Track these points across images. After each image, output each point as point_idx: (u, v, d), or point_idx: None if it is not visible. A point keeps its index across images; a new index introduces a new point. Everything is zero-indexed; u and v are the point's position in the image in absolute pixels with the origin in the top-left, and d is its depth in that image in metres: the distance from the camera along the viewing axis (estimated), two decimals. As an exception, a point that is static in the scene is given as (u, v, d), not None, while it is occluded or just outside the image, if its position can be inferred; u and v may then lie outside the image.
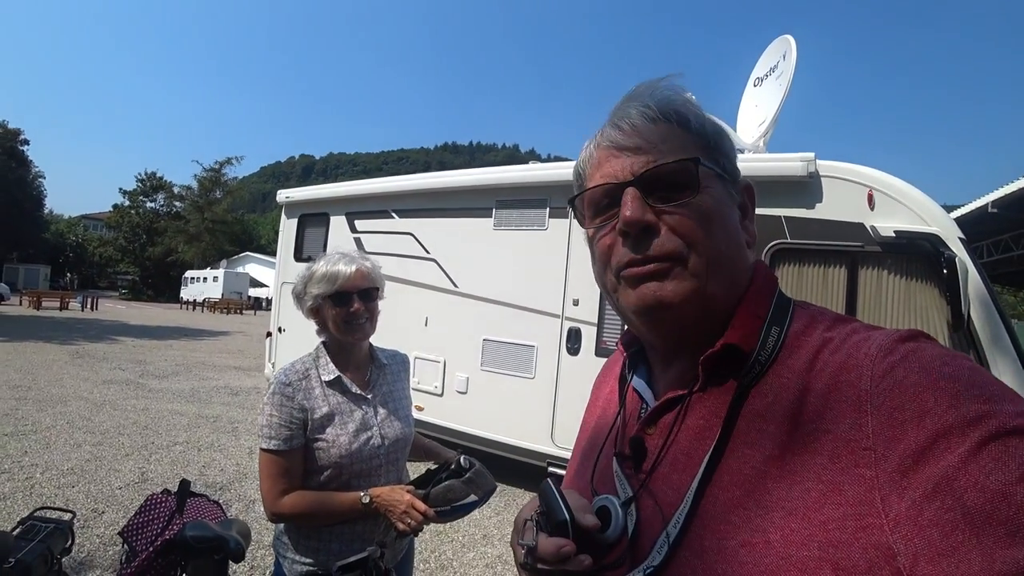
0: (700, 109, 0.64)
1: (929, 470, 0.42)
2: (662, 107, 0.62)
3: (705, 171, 0.60)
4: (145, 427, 6.06)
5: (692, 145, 0.61)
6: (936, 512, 0.40)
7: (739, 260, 0.62)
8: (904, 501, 0.42)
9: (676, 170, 0.60)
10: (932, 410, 0.44)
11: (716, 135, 0.63)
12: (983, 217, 10.30)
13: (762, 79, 5.57)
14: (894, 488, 0.43)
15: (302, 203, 6.79)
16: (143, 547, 1.72)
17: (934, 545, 0.39)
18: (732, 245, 0.61)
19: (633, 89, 0.66)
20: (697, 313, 0.60)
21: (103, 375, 8.90)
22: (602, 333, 4.54)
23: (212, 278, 36.89)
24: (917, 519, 0.41)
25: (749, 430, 0.54)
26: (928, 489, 0.41)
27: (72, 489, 4.20)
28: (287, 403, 1.45)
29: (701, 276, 0.59)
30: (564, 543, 0.55)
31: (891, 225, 3.63)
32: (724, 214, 0.61)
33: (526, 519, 0.61)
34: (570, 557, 0.54)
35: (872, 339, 0.53)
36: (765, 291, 0.62)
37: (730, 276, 0.61)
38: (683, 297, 0.59)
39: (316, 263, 1.58)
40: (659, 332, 0.63)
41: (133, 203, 46.15)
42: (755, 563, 0.48)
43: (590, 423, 0.81)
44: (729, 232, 0.61)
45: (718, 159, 0.62)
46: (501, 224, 5.11)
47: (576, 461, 0.78)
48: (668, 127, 0.61)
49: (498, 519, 4.26)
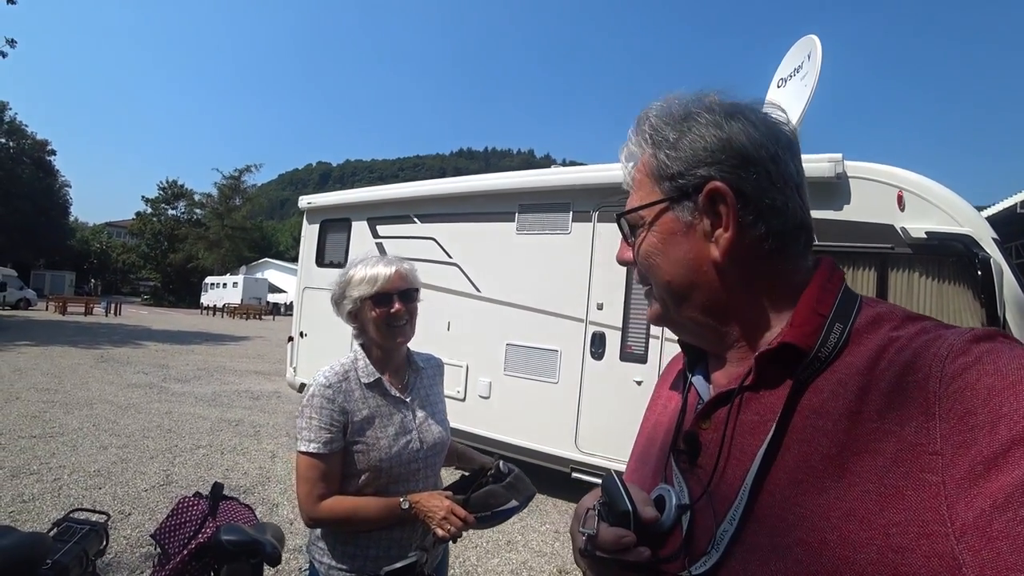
0: (654, 120, 0.66)
1: (1002, 479, 0.40)
2: (631, 142, 0.68)
3: (635, 216, 0.67)
4: (169, 430, 6.12)
5: (648, 177, 0.66)
6: (1007, 524, 0.38)
7: (702, 283, 0.63)
8: (972, 510, 0.40)
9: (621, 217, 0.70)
10: (1007, 416, 0.41)
11: (667, 152, 0.64)
12: (1012, 217, 10.03)
13: (786, 80, 5.48)
14: (962, 496, 0.41)
15: (323, 209, 6.83)
16: (176, 550, 1.71)
17: (1003, 558, 0.38)
18: (681, 273, 0.63)
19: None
20: (697, 328, 0.66)
21: (127, 379, 9.03)
22: (627, 337, 4.48)
23: (232, 284, 37.32)
24: (986, 530, 0.39)
25: (805, 427, 0.53)
26: (999, 499, 0.39)
27: (99, 491, 4.24)
28: (328, 406, 1.43)
29: (663, 303, 0.67)
30: (625, 533, 0.55)
31: (922, 226, 3.54)
32: (662, 250, 0.64)
33: (588, 508, 0.61)
34: (630, 548, 0.55)
35: (943, 338, 0.50)
36: (829, 288, 0.61)
37: (703, 297, 0.63)
38: (655, 319, 0.69)
39: (353, 267, 1.57)
40: (679, 338, 0.72)
41: (155, 211, 47.19)
42: (811, 562, 0.47)
43: (650, 420, 0.81)
44: (674, 262, 0.63)
45: (661, 181, 0.64)
46: (524, 228, 5.08)
47: (635, 457, 0.79)
48: (636, 157, 0.68)
49: (522, 525, 4.22)
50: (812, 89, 4.83)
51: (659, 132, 0.64)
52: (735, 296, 0.62)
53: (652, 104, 0.67)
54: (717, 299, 0.63)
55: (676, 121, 0.63)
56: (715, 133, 0.61)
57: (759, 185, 0.60)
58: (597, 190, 4.62)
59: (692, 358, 0.72)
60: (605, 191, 4.56)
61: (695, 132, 0.62)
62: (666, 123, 0.64)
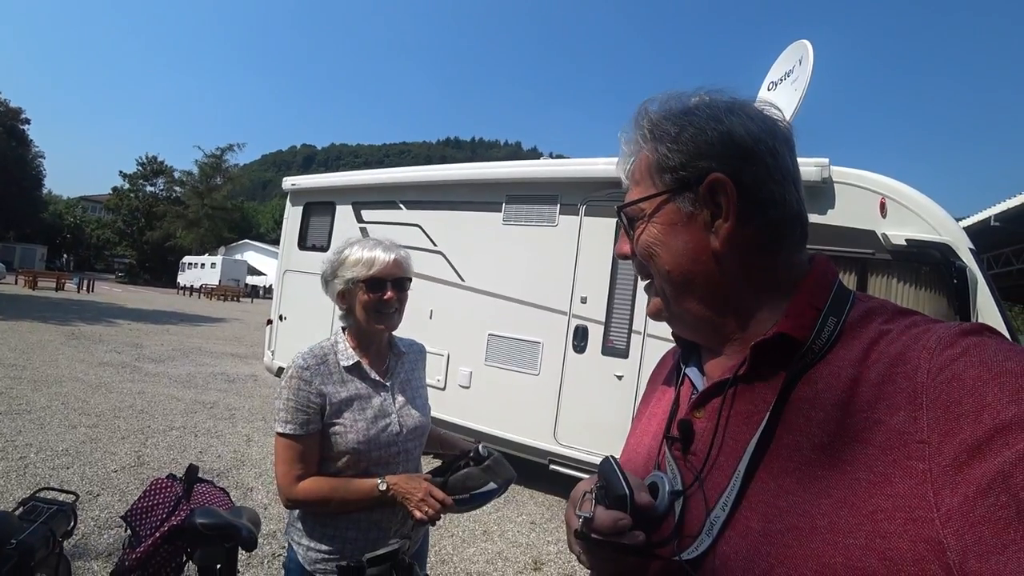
0: (653, 116, 0.67)
1: (985, 465, 0.41)
2: (629, 138, 0.69)
3: (635, 209, 0.67)
4: (141, 411, 6.00)
5: (647, 171, 0.67)
6: (989, 508, 0.40)
7: (698, 277, 0.64)
8: (957, 496, 0.42)
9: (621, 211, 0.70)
10: (991, 405, 0.43)
11: (668, 145, 0.65)
12: (985, 230, 10.30)
13: (776, 83, 5.53)
14: (947, 482, 0.43)
15: (308, 191, 6.72)
16: (147, 532, 1.68)
17: (985, 542, 0.39)
18: (682, 263, 0.64)
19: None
20: (695, 322, 0.67)
21: (99, 357, 8.81)
22: (609, 331, 4.50)
23: (210, 264, 36.68)
24: (969, 515, 0.41)
25: (798, 417, 0.54)
26: (983, 485, 0.40)
27: (67, 471, 4.14)
28: (304, 387, 1.42)
29: (663, 295, 0.68)
30: (621, 516, 0.57)
31: (902, 233, 3.61)
32: (663, 240, 0.65)
33: (584, 491, 0.62)
34: (626, 530, 0.57)
35: (932, 331, 0.52)
36: (824, 282, 0.62)
37: (702, 287, 0.64)
38: (655, 313, 0.71)
39: (349, 247, 1.54)
40: (674, 332, 0.73)
41: (133, 186, 45.97)
42: (800, 547, 0.48)
43: (644, 411, 0.82)
44: (674, 252, 0.64)
45: (662, 174, 0.65)
46: (511, 219, 5.06)
47: (628, 447, 0.80)
48: (636, 151, 0.69)
49: (498, 515, 4.23)
50: (802, 93, 4.88)
51: (659, 127, 0.65)
52: (733, 286, 0.64)
53: (648, 100, 0.69)
54: (716, 289, 0.64)
55: (676, 116, 0.65)
56: (715, 127, 0.63)
57: (758, 177, 0.62)
58: (585, 183, 4.62)
59: (686, 351, 0.74)
60: (593, 185, 4.55)
61: (696, 126, 0.63)
62: (666, 118, 0.66)
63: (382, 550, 1.21)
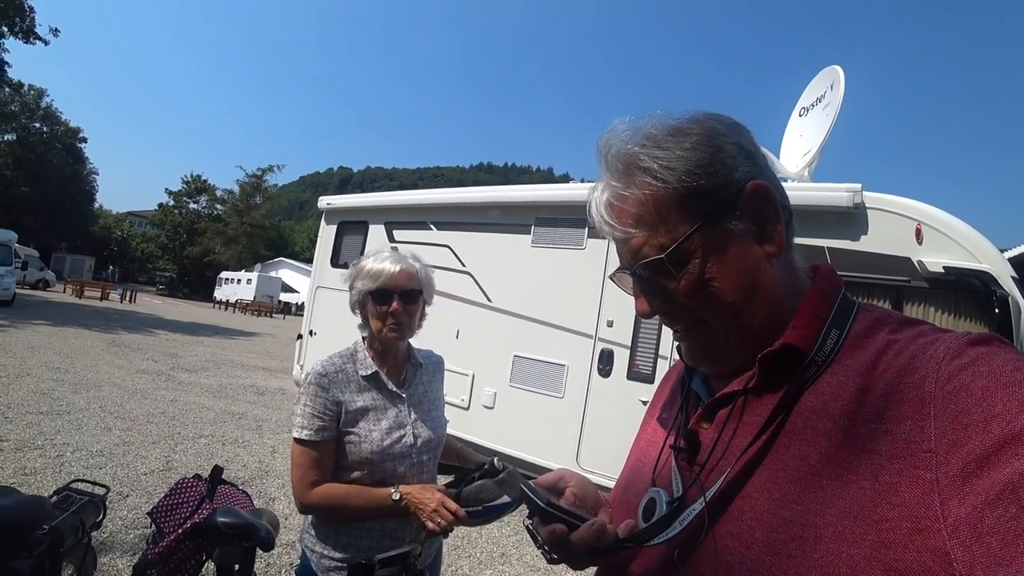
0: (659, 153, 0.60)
1: (993, 476, 0.40)
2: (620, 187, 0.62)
3: (680, 252, 0.59)
4: (173, 418, 6.15)
5: (666, 206, 0.60)
6: (997, 520, 0.39)
7: (759, 292, 0.61)
8: (964, 507, 0.41)
9: (655, 264, 0.61)
10: (1000, 415, 0.42)
11: (689, 171, 0.59)
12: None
13: (808, 109, 5.50)
14: (954, 493, 0.42)
15: (342, 210, 6.90)
16: (171, 529, 1.72)
17: (992, 553, 0.38)
18: (740, 287, 0.60)
19: (597, 146, 0.66)
20: (735, 347, 0.62)
21: (137, 364, 9.11)
22: (635, 356, 4.45)
23: (246, 280, 37.68)
24: (976, 526, 0.40)
25: (804, 427, 0.54)
26: (991, 496, 0.40)
27: (99, 471, 4.26)
28: (322, 394, 1.44)
29: (723, 329, 0.61)
30: (553, 527, 0.62)
31: (940, 260, 3.51)
32: (720, 271, 0.60)
33: (526, 526, 0.67)
34: (564, 536, 0.61)
35: (940, 341, 0.52)
36: (828, 293, 0.62)
37: (763, 306, 0.61)
38: (709, 352, 0.65)
39: (365, 258, 1.57)
40: (710, 373, 0.69)
41: (177, 203, 47.98)
42: (804, 557, 0.48)
43: (649, 424, 0.82)
44: (732, 278, 0.60)
45: (691, 203, 0.59)
46: (539, 241, 5.09)
47: (633, 459, 0.80)
48: (639, 196, 0.61)
49: (516, 538, 4.17)
50: (834, 119, 4.84)
51: (674, 160, 0.59)
52: (782, 290, 0.62)
53: (621, 142, 0.63)
54: (777, 299, 0.61)
55: (691, 143, 0.60)
56: (724, 140, 0.61)
57: (766, 173, 0.62)
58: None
59: (691, 367, 0.73)
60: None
61: (713, 145, 0.60)
62: (680, 149, 0.60)
63: (394, 552, 1.21)
